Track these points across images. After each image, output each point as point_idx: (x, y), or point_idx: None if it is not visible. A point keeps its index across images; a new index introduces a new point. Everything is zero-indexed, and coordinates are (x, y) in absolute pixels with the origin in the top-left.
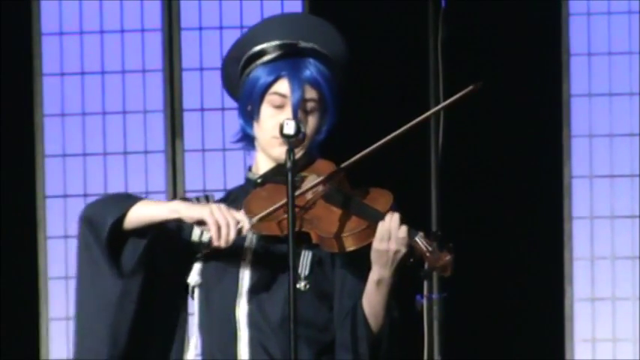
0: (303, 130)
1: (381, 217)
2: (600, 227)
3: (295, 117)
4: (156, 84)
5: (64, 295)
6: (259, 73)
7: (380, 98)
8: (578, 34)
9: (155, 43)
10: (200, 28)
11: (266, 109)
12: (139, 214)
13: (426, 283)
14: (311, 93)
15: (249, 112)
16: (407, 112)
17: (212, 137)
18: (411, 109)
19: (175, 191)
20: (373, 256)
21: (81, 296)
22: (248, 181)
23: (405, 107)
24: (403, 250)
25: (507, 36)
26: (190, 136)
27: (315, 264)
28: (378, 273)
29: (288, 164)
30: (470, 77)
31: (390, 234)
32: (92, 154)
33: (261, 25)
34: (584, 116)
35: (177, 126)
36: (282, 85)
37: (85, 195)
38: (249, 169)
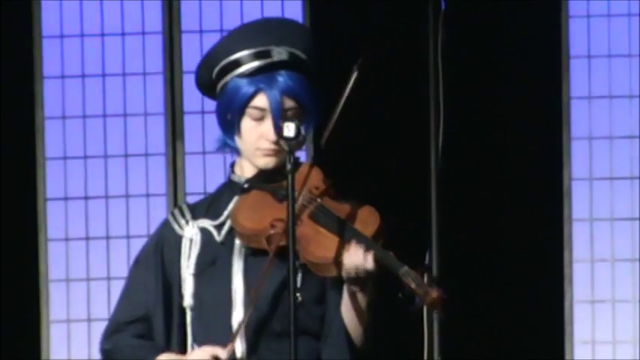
0: (302, 132)
1: (369, 244)
2: (600, 229)
3: (276, 129)
4: (156, 86)
5: (64, 297)
6: (237, 86)
7: (379, 99)
8: (577, 36)
9: (156, 45)
10: (201, 31)
11: (246, 123)
12: None
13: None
14: (289, 102)
15: (229, 123)
16: (406, 114)
17: (213, 140)
18: (411, 110)
19: (176, 194)
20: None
21: None
22: (233, 183)
23: (405, 109)
24: (372, 269)
25: (507, 38)
26: (191, 139)
27: (308, 274)
28: (352, 288)
29: (288, 167)
30: (470, 80)
31: (357, 269)
32: (93, 157)
33: (234, 33)
34: (583, 118)
35: (177, 128)
36: (261, 100)
37: (86, 198)
38: (232, 168)
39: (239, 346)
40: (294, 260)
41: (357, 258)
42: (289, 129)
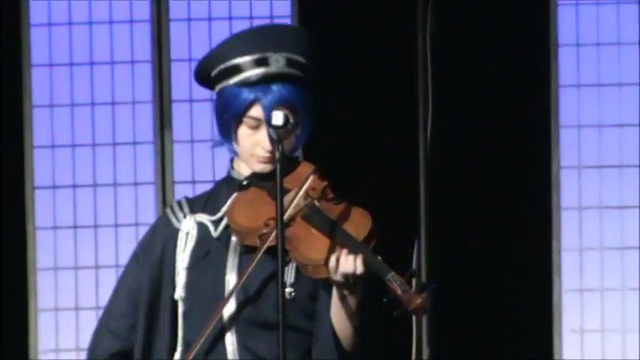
0: (291, 120)
1: (358, 247)
2: (589, 218)
3: (270, 138)
4: (145, 75)
5: (52, 286)
6: (235, 93)
7: (368, 92)
8: (566, 24)
9: (144, 34)
10: (189, 20)
11: (243, 130)
12: None
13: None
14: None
15: (226, 128)
16: (395, 106)
17: (201, 128)
18: (400, 103)
19: (164, 182)
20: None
21: None
22: (232, 179)
23: (394, 101)
24: (361, 274)
25: (495, 27)
26: (179, 127)
27: (300, 271)
28: (341, 292)
29: (277, 155)
30: (458, 68)
31: (346, 274)
32: (81, 145)
33: (232, 38)
34: (572, 107)
35: (165, 117)
36: (256, 110)
37: (74, 186)
38: (232, 164)
39: (230, 339)
40: (284, 257)
41: (346, 264)
42: (277, 117)
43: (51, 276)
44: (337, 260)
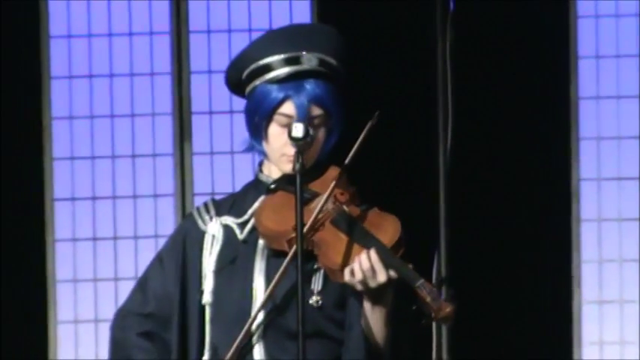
0: (311, 132)
1: (387, 254)
2: (608, 230)
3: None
4: (164, 87)
5: (71, 298)
6: (265, 91)
7: (388, 101)
8: (586, 36)
9: (164, 45)
10: (208, 31)
11: (273, 128)
12: None
13: (435, 283)
14: (316, 110)
15: (257, 128)
16: (415, 115)
17: (220, 140)
18: (419, 112)
19: (184, 194)
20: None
21: None
22: (260, 182)
23: (413, 110)
24: (385, 281)
25: (515, 38)
26: (199, 139)
27: (328, 278)
28: (370, 301)
29: (297, 167)
30: (478, 80)
31: (366, 279)
32: (100, 157)
33: (265, 37)
34: (592, 119)
35: (185, 129)
36: (289, 107)
37: (94, 198)
38: (260, 167)
39: (257, 349)
40: (303, 263)
41: (358, 276)
42: (297, 129)
43: (70, 288)
44: (359, 266)
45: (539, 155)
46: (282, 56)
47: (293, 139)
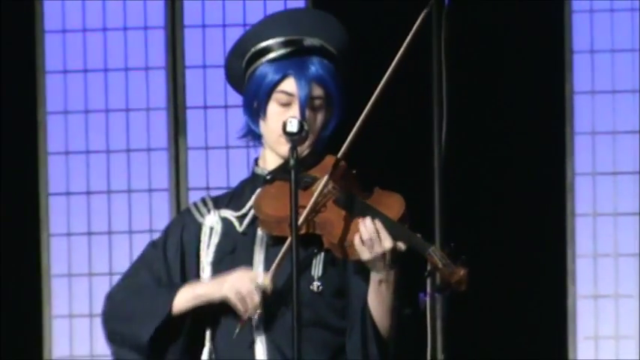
0: (306, 127)
1: (394, 226)
2: (603, 225)
3: (303, 116)
4: (159, 81)
5: (66, 293)
6: (265, 70)
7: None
8: (581, 31)
9: (158, 40)
10: (203, 26)
11: (273, 107)
12: (174, 311)
13: (429, 282)
14: (317, 90)
15: (255, 109)
16: (409, 111)
17: (215, 135)
18: (414, 107)
19: (179, 189)
20: (366, 264)
21: None
22: (256, 175)
23: (408, 105)
24: (391, 246)
25: (510, 34)
26: (193, 134)
27: (329, 264)
28: (377, 275)
29: (292, 162)
30: (472, 75)
31: (372, 243)
32: (95, 152)
33: (265, 21)
34: (587, 113)
35: (180, 123)
36: (289, 84)
37: (89, 193)
38: (256, 162)
39: (259, 338)
40: (308, 261)
41: (366, 236)
42: (292, 124)
43: (65, 283)
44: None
45: (534, 150)
46: (282, 39)
47: (287, 134)
